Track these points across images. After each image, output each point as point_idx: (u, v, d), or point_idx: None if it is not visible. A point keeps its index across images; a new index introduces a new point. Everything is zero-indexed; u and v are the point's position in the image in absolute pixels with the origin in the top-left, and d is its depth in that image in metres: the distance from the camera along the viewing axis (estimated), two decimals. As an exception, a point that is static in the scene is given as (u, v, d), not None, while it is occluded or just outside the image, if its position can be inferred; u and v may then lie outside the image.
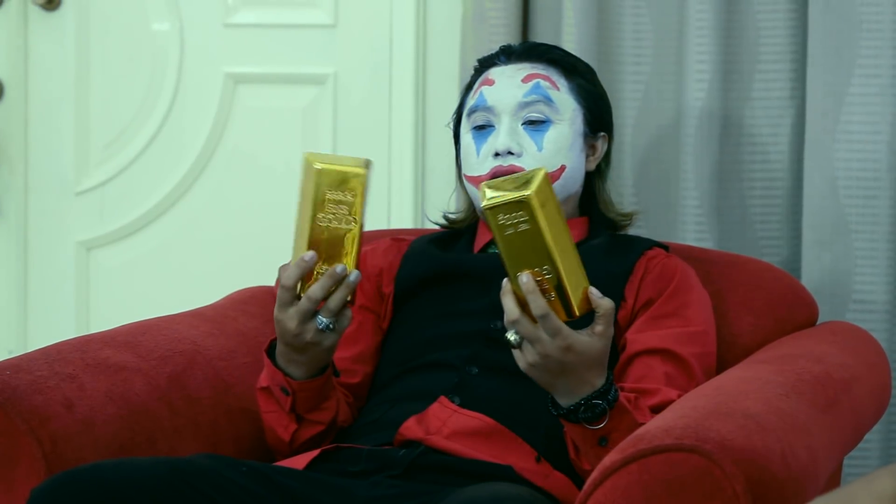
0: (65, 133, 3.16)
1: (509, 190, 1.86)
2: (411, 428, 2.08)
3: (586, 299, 1.88)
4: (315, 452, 2.07)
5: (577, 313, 1.88)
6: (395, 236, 2.41)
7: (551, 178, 2.23)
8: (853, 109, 2.63)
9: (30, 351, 2.12)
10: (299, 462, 2.06)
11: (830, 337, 2.32)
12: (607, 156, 2.36)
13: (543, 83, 2.28)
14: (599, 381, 1.91)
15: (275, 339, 2.09)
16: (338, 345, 2.07)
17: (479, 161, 2.28)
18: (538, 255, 1.85)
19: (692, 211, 2.71)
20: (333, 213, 1.98)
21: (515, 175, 1.93)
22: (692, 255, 2.41)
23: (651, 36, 2.76)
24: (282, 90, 3.09)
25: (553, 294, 1.86)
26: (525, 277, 1.85)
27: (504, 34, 2.75)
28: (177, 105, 3.12)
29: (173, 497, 1.87)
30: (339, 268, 1.98)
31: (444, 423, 2.08)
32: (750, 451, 1.71)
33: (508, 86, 2.28)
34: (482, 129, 2.29)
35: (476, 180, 2.27)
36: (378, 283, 2.31)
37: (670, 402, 2.05)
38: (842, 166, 2.64)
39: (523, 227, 1.85)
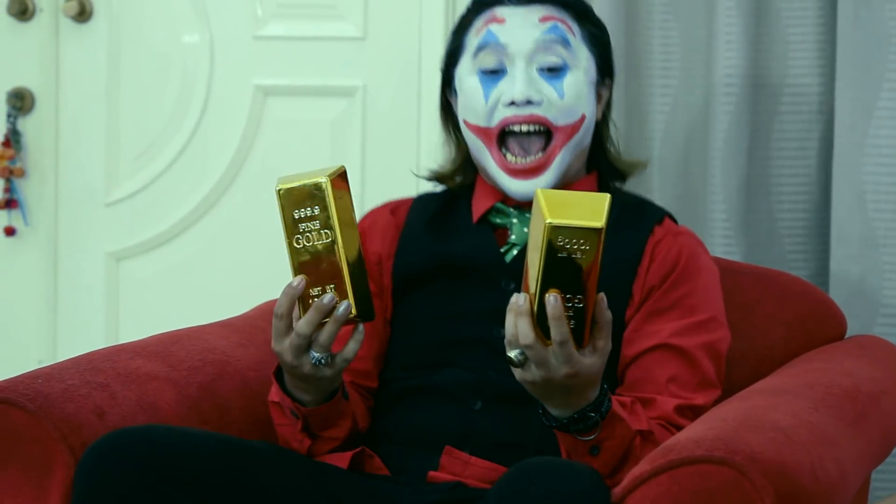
0: (95, 144, 3.17)
1: (576, 213, 1.75)
2: (437, 477, 2.04)
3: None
4: (356, 450, 2.06)
5: (588, 343, 1.82)
6: (392, 208, 2.28)
7: (573, 129, 2.14)
8: (882, 123, 2.63)
9: (60, 361, 2.14)
10: (342, 461, 2.05)
11: (859, 350, 2.32)
12: (608, 101, 2.25)
13: (561, 25, 2.14)
14: (594, 395, 1.88)
15: None
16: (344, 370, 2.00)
17: (486, 109, 2.13)
18: (579, 284, 1.76)
19: (720, 224, 2.70)
20: (307, 232, 1.91)
21: (578, 192, 1.84)
22: (721, 266, 2.40)
23: (679, 49, 2.76)
24: (311, 102, 3.09)
25: (572, 322, 1.79)
26: (553, 299, 1.77)
27: (533, 47, 2.75)
28: (206, 117, 3.13)
29: (219, 466, 1.89)
30: (326, 298, 1.89)
31: (460, 474, 2.04)
32: (780, 464, 1.71)
33: (523, 25, 2.13)
34: (491, 74, 2.14)
35: (482, 131, 2.15)
36: (379, 272, 2.22)
37: (667, 414, 2.03)
38: (870, 180, 2.63)
39: (579, 255, 1.75)
